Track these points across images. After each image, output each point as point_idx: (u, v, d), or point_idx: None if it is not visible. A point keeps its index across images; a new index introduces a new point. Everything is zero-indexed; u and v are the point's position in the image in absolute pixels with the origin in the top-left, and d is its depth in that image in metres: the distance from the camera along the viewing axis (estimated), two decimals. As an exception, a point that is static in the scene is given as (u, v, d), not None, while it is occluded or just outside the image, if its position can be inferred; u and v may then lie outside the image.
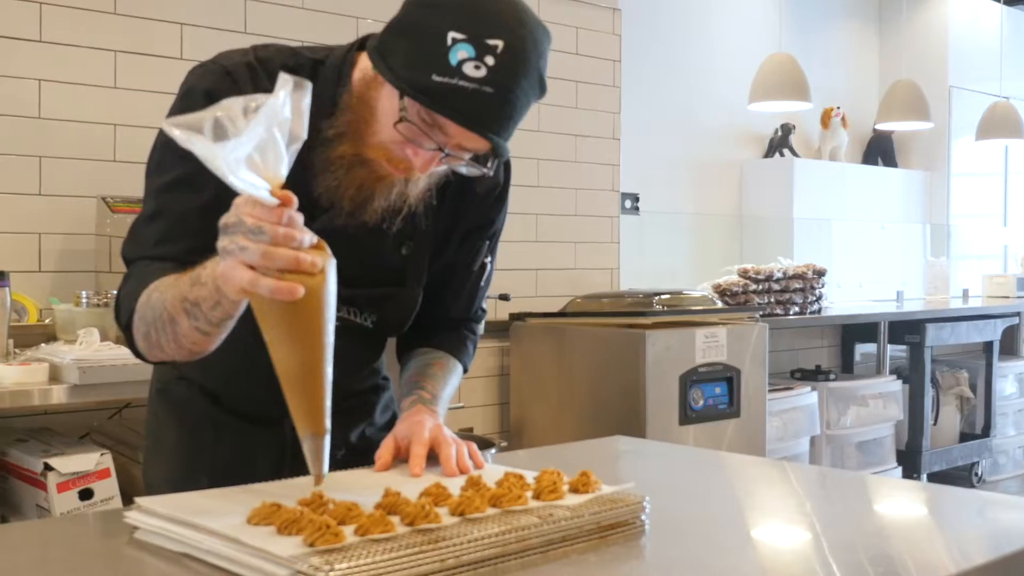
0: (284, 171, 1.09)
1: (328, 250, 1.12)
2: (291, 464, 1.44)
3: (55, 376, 2.40)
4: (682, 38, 5.03)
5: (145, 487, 1.60)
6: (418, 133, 1.27)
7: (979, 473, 5.62)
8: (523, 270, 4.09)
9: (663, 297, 3.75)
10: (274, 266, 1.06)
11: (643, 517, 1.20)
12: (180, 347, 1.23)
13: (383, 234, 1.41)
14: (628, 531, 1.18)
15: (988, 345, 5.53)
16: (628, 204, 4.69)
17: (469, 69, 1.22)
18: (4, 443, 2.54)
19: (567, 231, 4.28)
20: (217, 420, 1.53)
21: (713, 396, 3.63)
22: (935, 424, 5.34)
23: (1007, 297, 5.95)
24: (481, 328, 1.70)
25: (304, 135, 1.09)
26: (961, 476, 5.50)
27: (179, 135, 1.05)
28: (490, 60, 1.23)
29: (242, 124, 1.04)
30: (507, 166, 1.57)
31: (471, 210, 1.53)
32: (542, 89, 1.31)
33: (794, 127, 5.43)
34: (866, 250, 5.76)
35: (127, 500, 2.49)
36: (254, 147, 1.05)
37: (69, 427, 2.81)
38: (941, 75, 6.13)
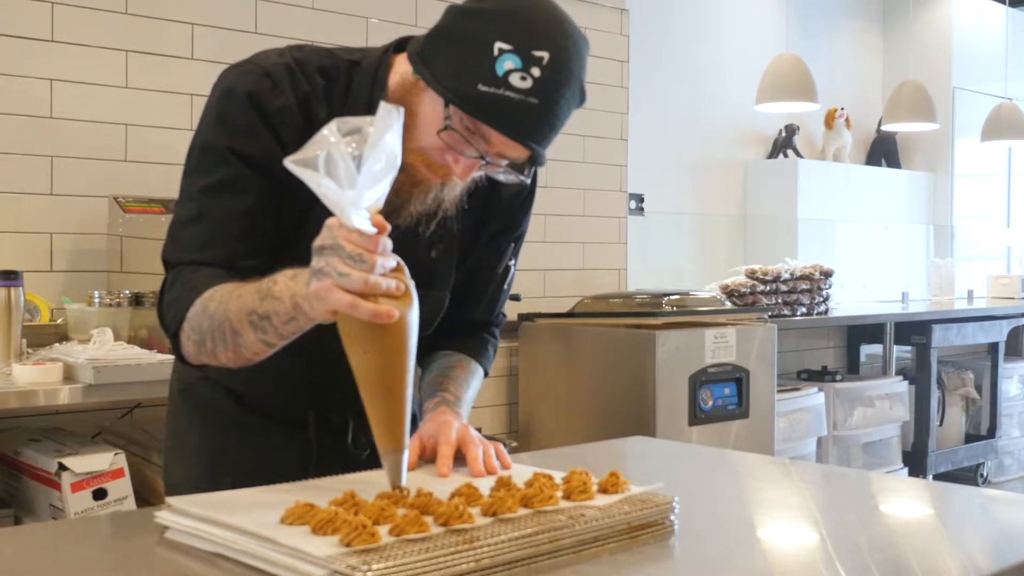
0: (383, 200, 1.12)
1: (408, 272, 1.16)
2: (317, 465, 1.44)
3: (69, 376, 2.40)
4: (688, 39, 5.03)
5: (167, 488, 1.59)
6: (460, 141, 1.28)
7: (984, 474, 5.62)
8: (531, 270, 4.09)
9: (672, 298, 3.75)
10: (371, 293, 1.10)
11: (672, 517, 1.20)
12: (238, 356, 1.25)
13: (414, 238, 1.42)
14: (658, 531, 1.18)
15: (993, 346, 5.53)
16: (633, 205, 4.69)
17: (515, 80, 1.23)
18: (18, 443, 2.54)
19: (575, 231, 4.29)
20: (242, 421, 1.53)
21: (722, 396, 3.63)
22: (940, 425, 5.35)
23: (1012, 298, 5.95)
24: (500, 333, 1.70)
25: (399, 162, 1.11)
26: (966, 477, 5.50)
27: (307, 176, 1.07)
28: (536, 71, 1.24)
29: (350, 162, 1.07)
30: (534, 172, 1.57)
31: (498, 213, 1.54)
32: (582, 98, 1.32)
33: (798, 128, 5.43)
34: (869, 251, 5.76)
35: (139, 500, 2.49)
36: (362, 187, 1.08)
37: (80, 427, 2.81)
38: (945, 76, 6.13)
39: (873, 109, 6.09)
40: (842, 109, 5.66)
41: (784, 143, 5.40)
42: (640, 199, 4.75)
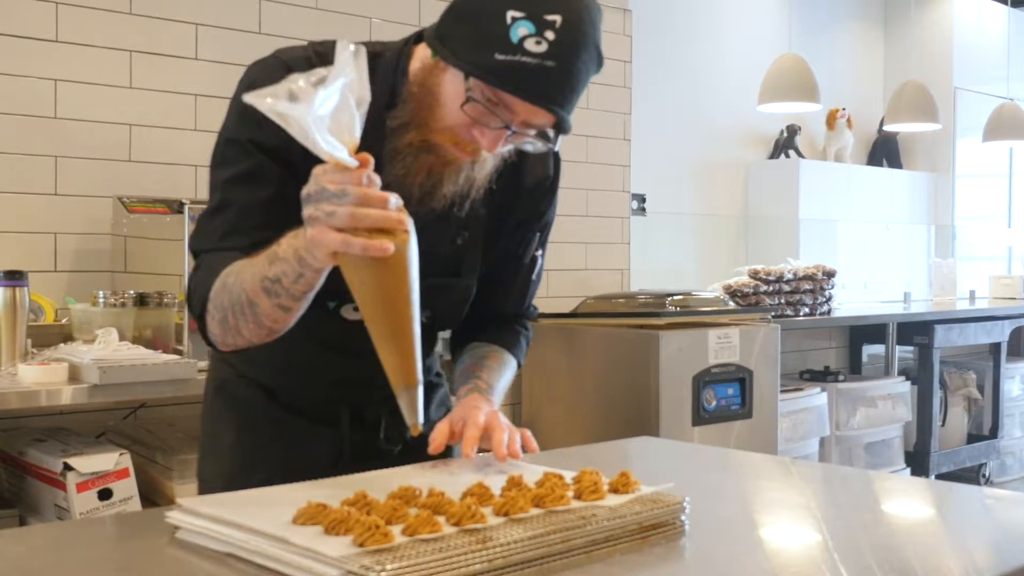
0: (358, 133, 1.11)
1: (405, 210, 1.14)
2: (349, 462, 1.46)
3: (74, 376, 2.40)
4: (690, 39, 5.04)
5: (199, 483, 1.62)
6: (484, 112, 1.29)
7: (986, 474, 5.62)
8: (534, 271, 4.09)
9: (675, 298, 3.75)
10: (362, 225, 1.09)
11: (683, 518, 1.21)
12: (260, 327, 1.26)
13: (443, 224, 1.43)
14: (669, 531, 1.18)
15: (995, 346, 5.53)
16: (635, 205, 4.69)
17: (531, 45, 1.25)
18: (22, 443, 2.54)
19: (578, 232, 4.29)
20: (275, 418, 1.54)
21: (726, 397, 3.63)
22: (943, 425, 5.35)
23: (1014, 299, 5.95)
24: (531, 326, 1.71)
25: (368, 97, 1.11)
26: (968, 477, 5.50)
27: (264, 104, 1.07)
28: (550, 35, 1.25)
29: (311, 92, 1.06)
30: (557, 160, 1.58)
31: (521, 202, 1.55)
32: (599, 62, 1.33)
33: (799, 128, 5.43)
34: (871, 251, 5.76)
35: (144, 500, 2.49)
36: (329, 112, 1.07)
37: (85, 427, 2.80)
38: (946, 76, 6.13)
39: (874, 109, 6.10)
40: (843, 109, 5.67)
41: (785, 143, 5.40)
42: (642, 199, 4.75)
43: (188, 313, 1.39)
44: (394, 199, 1.13)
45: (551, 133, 1.34)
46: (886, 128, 5.79)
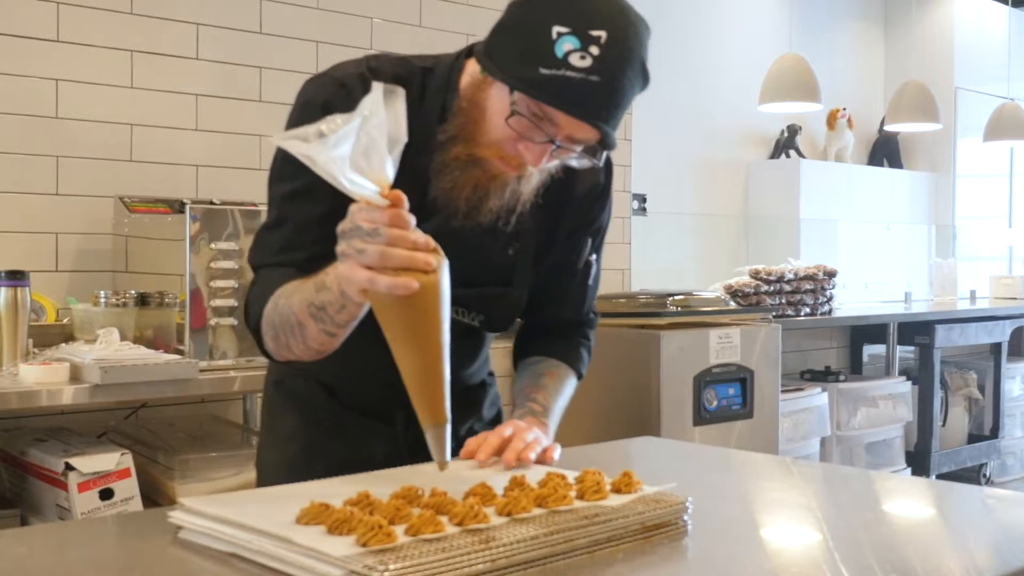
0: (390, 172, 1.13)
1: (440, 250, 1.17)
2: (405, 459, 1.47)
3: (76, 376, 2.40)
4: (690, 39, 5.03)
5: (258, 473, 1.66)
6: (529, 127, 1.31)
7: (987, 474, 5.62)
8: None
9: (677, 298, 3.75)
10: (390, 265, 1.12)
11: (685, 518, 1.21)
12: (308, 348, 1.30)
13: (493, 235, 1.44)
14: (671, 531, 1.18)
15: (996, 346, 5.53)
16: (636, 205, 4.69)
17: (575, 60, 1.26)
18: (24, 443, 2.54)
19: (579, 232, 4.28)
20: (334, 413, 1.57)
21: (727, 397, 3.63)
22: (943, 425, 5.35)
23: (1015, 299, 5.95)
24: (594, 334, 1.72)
25: (404, 137, 1.13)
26: (969, 477, 5.50)
27: (288, 145, 1.11)
28: (595, 50, 1.26)
29: (342, 132, 1.09)
30: (609, 165, 1.59)
31: (573, 209, 1.56)
32: (645, 79, 1.34)
33: (800, 128, 5.43)
34: (871, 251, 5.76)
35: (145, 500, 2.49)
36: (359, 152, 1.10)
37: (85, 427, 2.80)
38: (947, 76, 6.13)
39: (875, 109, 6.10)
40: (844, 109, 5.66)
41: (786, 143, 5.40)
42: (643, 199, 4.75)
43: (245, 325, 1.42)
44: (426, 239, 1.15)
45: (597, 149, 1.36)
46: (887, 128, 5.79)
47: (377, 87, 1.11)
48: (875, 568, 1.11)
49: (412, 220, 1.14)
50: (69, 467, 2.35)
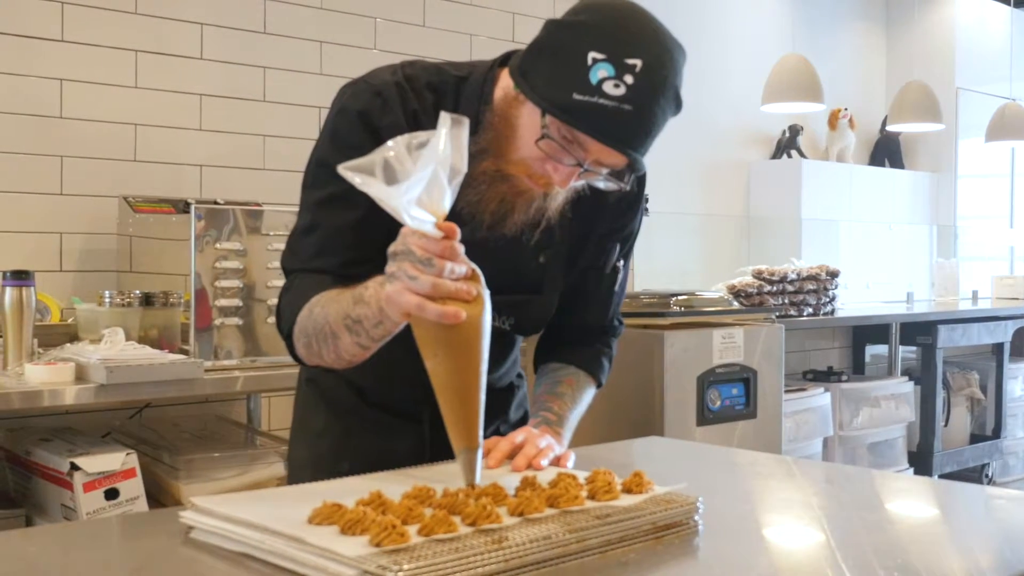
0: (447, 205, 1.16)
1: (482, 278, 1.20)
2: (430, 458, 1.48)
3: (81, 376, 2.40)
4: (692, 39, 5.01)
5: (288, 468, 1.70)
6: (558, 150, 1.32)
7: (989, 474, 5.62)
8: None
9: (680, 298, 3.75)
10: (438, 294, 1.14)
11: (696, 517, 1.21)
12: (339, 358, 1.31)
13: (521, 245, 1.45)
14: (683, 531, 1.19)
15: (998, 346, 5.53)
16: (639, 205, 4.68)
17: (609, 88, 1.26)
18: (29, 443, 2.54)
19: (581, 232, 4.28)
20: (363, 411, 1.59)
21: (730, 397, 3.63)
22: (946, 426, 5.35)
23: (1017, 299, 5.95)
24: (617, 343, 1.73)
25: (464, 168, 1.16)
26: (971, 477, 5.50)
27: (357, 180, 1.13)
28: (629, 79, 1.27)
29: (409, 165, 1.12)
30: (642, 175, 1.59)
31: (604, 217, 1.56)
32: (678, 106, 1.34)
33: (802, 128, 5.43)
34: (873, 251, 5.76)
35: (150, 500, 2.49)
36: (417, 195, 1.13)
37: (91, 427, 2.80)
38: (948, 77, 6.13)
39: (877, 109, 6.09)
40: (846, 109, 5.66)
41: (788, 143, 5.40)
42: (645, 200, 4.74)
43: (277, 330, 1.45)
44: (472, 267, 1.18)
45: (624, 172, 1.36)
46: (888, 128, 5.79)
47: (445, 118, 1.13)
48: (877, 569, 1.11)
49: (462, 250, 1.17)
50: (74, 467, 2.35)
